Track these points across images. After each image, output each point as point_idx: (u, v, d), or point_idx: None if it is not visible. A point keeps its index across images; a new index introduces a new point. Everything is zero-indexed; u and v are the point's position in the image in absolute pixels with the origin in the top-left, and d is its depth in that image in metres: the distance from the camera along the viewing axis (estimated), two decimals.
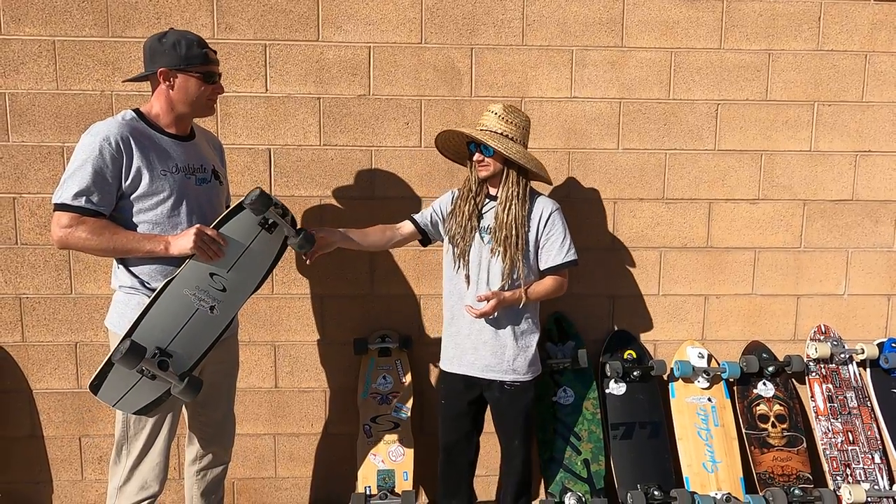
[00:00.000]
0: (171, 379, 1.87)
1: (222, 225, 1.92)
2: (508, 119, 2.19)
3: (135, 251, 1.86)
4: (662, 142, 2.70)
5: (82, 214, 1.81)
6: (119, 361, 1.79)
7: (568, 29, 2.62)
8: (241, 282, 1.97)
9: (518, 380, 2.24)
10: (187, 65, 1.89)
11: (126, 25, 2.50)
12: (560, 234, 2.23)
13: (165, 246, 1.86)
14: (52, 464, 2.71)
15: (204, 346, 1.96)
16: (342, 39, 2.57)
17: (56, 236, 1.83)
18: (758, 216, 2.77)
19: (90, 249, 1.85)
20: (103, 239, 1.82)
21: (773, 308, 2.82)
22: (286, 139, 2.61)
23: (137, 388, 1.88)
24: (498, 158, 2.17)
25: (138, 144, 1.87)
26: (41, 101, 2.51)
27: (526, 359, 2.24)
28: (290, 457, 2.78)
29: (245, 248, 1.95)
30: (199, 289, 1.90)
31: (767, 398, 2.73)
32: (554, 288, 2.25)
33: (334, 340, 2.73)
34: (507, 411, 2.28)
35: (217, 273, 1.92)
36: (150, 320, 1.86)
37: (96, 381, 1.85)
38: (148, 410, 1.93)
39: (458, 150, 2.36)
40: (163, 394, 1.91)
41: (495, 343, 2.21)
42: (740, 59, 2.67)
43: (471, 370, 2.25)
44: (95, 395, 1.87)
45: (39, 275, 2.60)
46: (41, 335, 2.63)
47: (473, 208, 2.23)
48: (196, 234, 1.85)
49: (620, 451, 2.61)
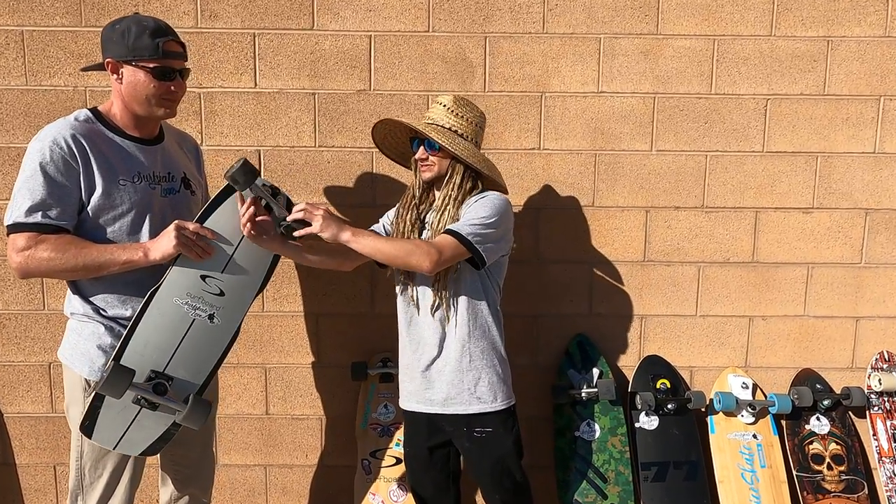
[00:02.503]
0: (173, 404, 1.63)
1: (206, 218, 1.66)
2: (459, 113, 1.87)
3: (109, 265, 1.60)
4: (702, 142, 2.38)
5: (40, 232, 1.56)
6: (103, 389, 1.54)
7: (595, 14, 2.31)
8: (241, 282, 1.72)
9: (485, 410, 1.85)
10: (134, 56, 1.62)
11: (100, 14, 2.25)
12: (475, 209, 1.78)
13: (145, 252, 1.61)
14: (25, 493, 2.50)
15: (210, 362, 1.72)
16: (340, 27, 2.29)
17: (14, 263, 1.58)
18: (812, 227, 2.43)
19: (57, 271, 1.59)
20: (69, 256, 1.57)
21: (829, 332, 2.48)
22: (277, 139, 2.34)
23: (138, 424, 1.65)
24: (444, 156, 1.84)
25: (93, 148, 1.62)
26: (9, 98, 2.28)
27: (488, 382, 1.86)
28: (282, 490, 2.53)
29: (238, 241, 1.69)
30: (191, 296, 1.65)
31: (822, 436, 2.40)
32: (407, 248, 1.71)
33: (331, 363, 2.46)
34: (481, 463, 1.92)
35: (209, 275, 1.67)
36: (139, 339, 1.61)
37: (87, 421, 1.62)
38: (156, 449, 1.71)
39: (400, 149, 2.03)
40: (171, 426, 1.68)
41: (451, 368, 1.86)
42: (794, 47, 2.34)
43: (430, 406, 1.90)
44: (90, 440, 1.64)
45: (10, 289, 2.37)
46: (12, 354, 2.41)
47: (416, 218, 1.90)
48: (176, 230, 1.60)
49: (652, 495, 2.30)
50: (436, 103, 1.91)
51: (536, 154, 2.38)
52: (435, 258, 1.70)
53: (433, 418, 1.92)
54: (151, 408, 1.65)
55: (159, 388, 1.64)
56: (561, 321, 2.46)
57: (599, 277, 2.45)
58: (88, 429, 1.63)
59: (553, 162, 2.38)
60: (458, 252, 1.75)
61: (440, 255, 1.71)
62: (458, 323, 1.84)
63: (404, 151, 2.01)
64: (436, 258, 1.70)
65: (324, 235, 1.70)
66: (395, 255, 1.73)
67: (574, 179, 2.39)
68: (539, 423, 2.44)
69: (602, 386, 2.33)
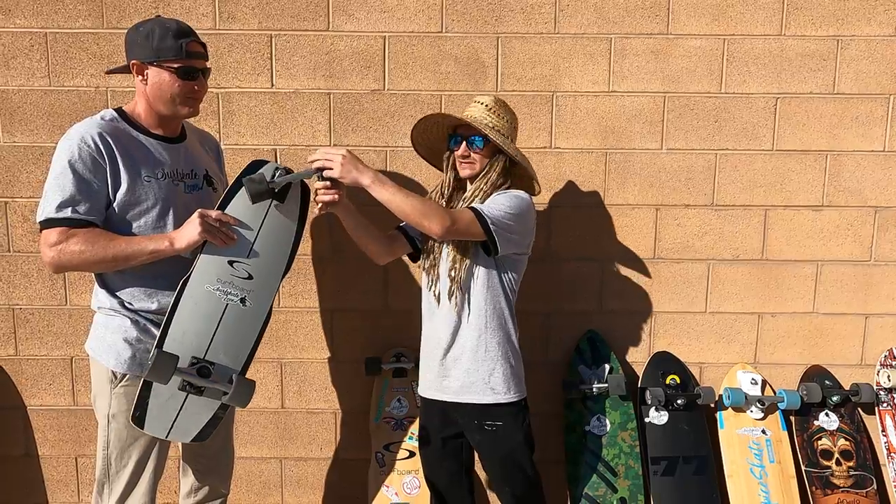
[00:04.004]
0: (218, 385, 1.67)
1: (225, 206, 1.72)
2: (500, 113, 1.89)
3: (137, 255, 1.65)
4: (712, 141, 2.40)
5: (71, 227, 1.61)
6: (150, 376, 1.59)
7: (606, 15, 2.34)
8: (268, 263, 1.75)
9: (499, 401, 1.88)
10: (159, 58, 1.67)
11: (121, 16, 2.31)
12: (500, 199, 1.81)
13: (170, 242, 1.66)
14: (48, 484, 2.56)
15: (248, 343, 1.76)
16: (354, 28, 2.33)
17: (47, 258, 1.63)
18: (821, 225, 2.45)
19: (87, 264, 1.64)
20: (99, 248, 1.62)
21: (838, 329, 2.50)
22: (293, 138, 2.39)
23: (187, 411, 1.69)
24: (485, 154, 1.87)
25: (119, 146, 1.67)
26: (33, 99, 2.34)
27: (502, 375, 1.90)
28: (297, 482, 2.58)
29: (259, 224, 1.73)
30: (221, 281, 1.70)
31: (831, 432, 2.42)
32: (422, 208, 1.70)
33: (345, 358, 2.51)
34: (492, 457, 1.96)
35: (236, 259, 1.71)
36: (178, 328, 1.66)
37: (137, 411, 1.67)
38: (206, 434, 1.75)
39: (433, 147, 2.04)
40: (217, 410, 1.73)
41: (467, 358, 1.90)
42: (804, 46, 2.36)
43: (445, 394, 1.95)
44: (142, 430, 1.69)
45: (33, 284, 2.43)
46: (35, 348, 2.47)
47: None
48: (200, 218, 1.64)
49: (662, 488, 2.33)
50: (476, 103, 1.93)
51: (548, 153, 2.41)
52: (447, 224, 1.71)
53: (447, 408, 1.95)
54: (197, 393, 1.68)
55: (203, 371, 1.67)
56: (571, 317, 2.49)
57: (610, 274, 2.48)
58: (140, 419, 1.67)
59: (564, 160, 2.41)
60: (473, 228, 1.76)
61: (453, 224, 1.72)
62: (475, 313, 1.88)
63: (433, 146, 2.03)
64: (447, 224, 1.71)
65: (344, 180, 1.69)
66: (409, 212, 1.71)
67: (585, 178, 2.42)
68: (549, 418, 2.47)
69: (613, 381, 2.36)
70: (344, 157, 1.68)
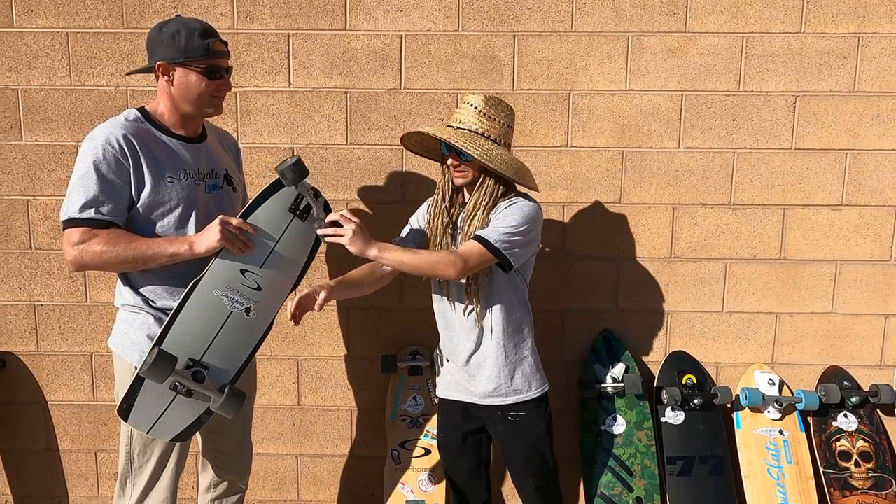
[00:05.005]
0: (209, 392, 1.68)
1: (249, 214, 1.72)
2: (491, 115, 1.81)
3: (157, 257, 1.67)
4: (730, 140, 2.39)
5: (93, 227, 1.64)
6: (147, 374, 1.59)
7: (623, 13, 2.33)
8: (277, 278, 1.77)
9: (522, 399, 1.91)
10: (186, 58, 1.68)
11: (141, 16, 2.33)
12: (505, 217, 1.79)
13: (190, 245, 1.68)
14: (68, 478, 2.59)
15: (244, 354, 1.77)
16: (371, 27, 2.34)
17: (70, 257, 1.65)
18: (841, 224, 2.43)
19: (108, 264, 1.67)
20: (120, 249, 1.64)
21: (857, 329, 2.48)
22: (310, 137, 2.40)
23: (173, 410, 1.70)
24: (477, 163, 1.80)
25: (142, 147, 1.68)
26: (54, 98, 2.37)
27: (524, 374, 1.92)
28: (313, 479, 2.60)
29: (277, 239, 1.75)
30: (230, 288, 1.71)
31: (849, 433, 2.40)
32: (432, 260, 1.74)
33: (361, 356, 2.52)
34: (515, 448, 1.97)
35: (249, 269, 1.72)
36: (180, 327, 1.67)
37: (125, 403, 1.68)
38: (188, 435, 1.76)
39: (427, 145, 1.99)
40: (202, 414, 1.74)
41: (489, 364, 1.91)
42: (824, 44, 2.33)
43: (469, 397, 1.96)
44: (125, 422, 1.70)
45: (54, 281, 2.47)
46: (55, 345, 2.50)
47: (447, 221, 1.89)
48: (221, 225, 1.66)
49: (678, 488, 2.32)
50: (465, 104, 1.85)
51: (564, 151, 2.41)
52: (460, 267, 1.73)
53: (468, 406, 1.97)
54: (187, 395, 1.69)
55: (198, 376, 1.69)
56: (587, 316, 2.49)
57: (625, 273, 2.47)
58: (126, 411, 1.68)
59: (580, 159, 2.41)
60: (485, 258, 1.77)
61: (465, 264, 1.74)
62: (494, 322, 1.89)
63: (427, 145, 2.00)
64: (460, 267, 1.73)
65: (352, 249, 1.71)
66: (422, 267, 1.76)
67: (601, 176, 2.42)
68: (564, 416, 2.46)
69: (629, 380, 2.36)
70: (354, 232, 1.70)
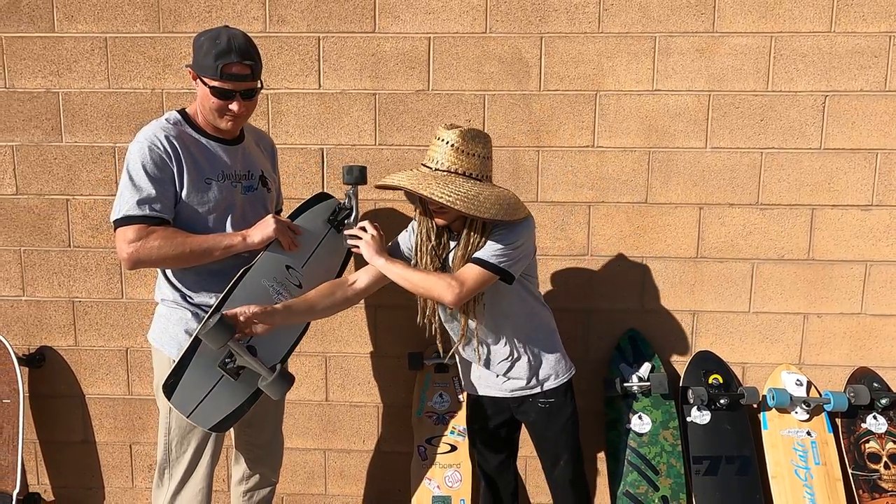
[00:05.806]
0: (261, 369, 1.67)
1: (296, 218, 1.90)
2: (467, 150, 1.68)
3: (213, 250, 1.73)
4: (758, 140, 2.38)
5: (149, 224, 1.68)
6: (206, 336, 1.57)
7: (650, 13, 2.34)
8: (315, 279, 1.89)
9: (551, 387, 1.94)
10: (200, 72, 1.73)
11: (177, 20, 2.39)
12: (499, 237, 1.74)
13: (244, 237, 1.76)
14: (104, 470, 2.67)
15: (287, 343, 1.87)
16: (400, 30, 2.38)
17: (125, 254, 1.67)
18: (871, 224, 2.41)
19: (166, 260, 1.70)
20: (177, 244, 1.69)
21: (887, 330, 2.45)
22: (340, 138, 2.45)
23: (216, 394, 1.74)
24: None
25: (184, 149, 1.74)
26: (93, 101, 2.44)
27: (550, 364, 1.94)
28: (340, 473, 2.64)
29: (318, 244, 1.92)
30: (276, 280, 1.82)
31: (879, 434, 2.38)
32: (429, 280, 1.72)
33: (388, 353, 2.56)
34: (547, 430, 2.00)
35: (293, 266, 1.86)
36: (231, 307, 1.71)
37: (171, 378, 1.68)
38: (225, 426, 1.77)
39: None
40: (244, 403, 1.78)
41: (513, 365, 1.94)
42: (854, 43, 2.32)
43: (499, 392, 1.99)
44: (169, 400, 1.69)
45: (91, 278, 2.54)
46: (93, 340, 2.58)
47: (434, 258, 1.82)
48: (275, 220, 1.79)
49: (704, 488, 2.32)
50: (439, 140, 1.71)
51: (590, 151, 2.42)
52: (457, 291, 1.70)
53: (497, 400, 2.01)
54: (234, 375, 1.69)
55: (251, 350, 1.71)
56: (612, 316, 2.50)
57: (651, 273, 2.48)
58: (171, 388, 1.67)
59: (607, 159, 2.42)
60: (486, 279, 1.74)
61: (462, 288, 1.71)
62: (513, 328, 1.92)
63: None
64: (457, 291, 1.70)
65: (364, 255, 1.84)
66: (420, 289, 1.77)
67: (627, 176, 2.43)
68: (590, 415, 2.47)
69: (655, 380, 2.37)
70: (368, 243, 1.83)
